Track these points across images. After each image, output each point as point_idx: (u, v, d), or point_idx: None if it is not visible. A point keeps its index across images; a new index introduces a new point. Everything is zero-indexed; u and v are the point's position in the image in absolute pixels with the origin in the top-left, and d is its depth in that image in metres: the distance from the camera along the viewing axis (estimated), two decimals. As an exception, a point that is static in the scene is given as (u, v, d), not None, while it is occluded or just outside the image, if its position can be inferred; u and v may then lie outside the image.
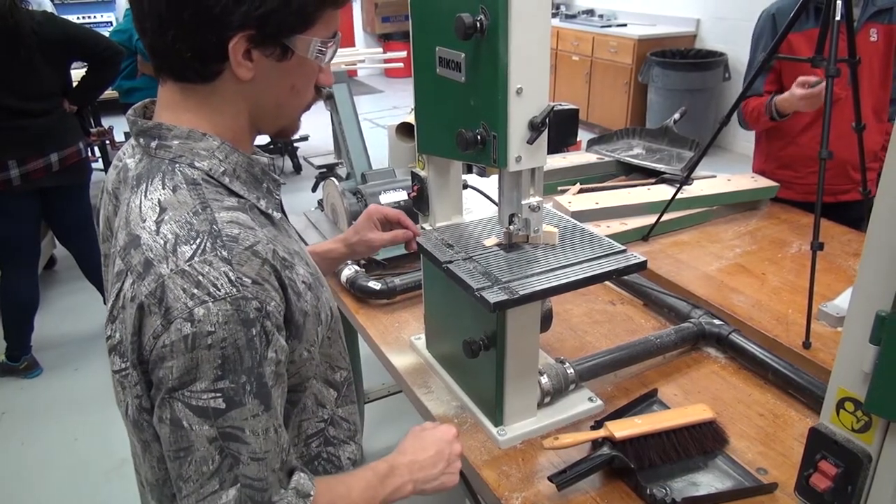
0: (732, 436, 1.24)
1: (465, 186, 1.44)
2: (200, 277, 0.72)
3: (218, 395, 0.73)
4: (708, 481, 1.14)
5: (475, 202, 1.53)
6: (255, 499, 0.77)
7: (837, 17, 1.58)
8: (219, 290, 0.72)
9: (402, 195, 1.95)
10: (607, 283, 1.78)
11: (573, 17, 7.11)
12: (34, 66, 2.78)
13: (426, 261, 1.36)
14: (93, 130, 4.09)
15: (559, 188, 2.26)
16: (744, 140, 5.57)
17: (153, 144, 0.83)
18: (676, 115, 2.55)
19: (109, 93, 3.72)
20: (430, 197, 1.37)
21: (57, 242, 3.69)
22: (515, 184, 1.16)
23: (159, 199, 0.78)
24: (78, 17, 7.15)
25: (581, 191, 2.22)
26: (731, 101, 2.11)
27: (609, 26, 6.53)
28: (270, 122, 0.89)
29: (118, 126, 4.62)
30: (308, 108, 0.91)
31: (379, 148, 3.43)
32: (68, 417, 2.91)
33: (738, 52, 5.69)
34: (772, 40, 1.81)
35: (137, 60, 3.78)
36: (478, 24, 1.01)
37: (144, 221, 0.77)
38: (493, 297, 1.08)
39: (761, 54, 1.80)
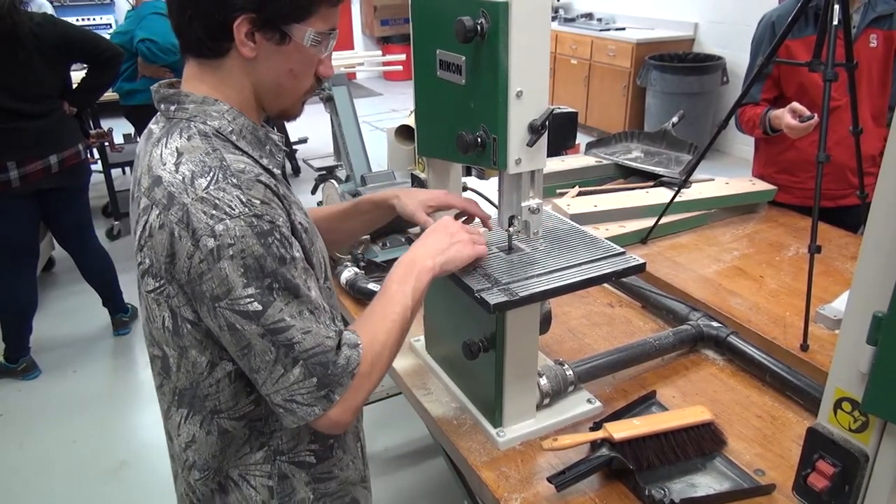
0: (730, 437, 1.25)
1: (465, 189, 1.44)
2: (217, 201, 0.86)
3: (251, 299, 0.86)
4: (706, 482, 1.14)
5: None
6: (321, 362, 0.91)
7: (835, 22, 1.59)
8: (233, 210, 0.85)
9: (401, 197, 1.95)
10: (606, 285, 1.79)
11: (572, 20, 7.13)
12: (33, 68, 2.79)
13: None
14: (92, 132, 4.09)
15: (558, 191, 2.27)
16: (742, 143, 5.59)
17: (172, 108, 0.97)
18: (675, 119, 2.56)
19: (109, 95, 3.73)
20: (430, 199, 1.37)
21: (56, 244, 3.69)
22: (515, 186, 1.17)
23: (176, 147, 0.91)
24: (77, 20, 7.14)
25: (580, 193, 2.23)
26: (729, 104, 2.13)
27: (607, 30, 6.55)
28: (271, 101, 1.00)
29: (118, 128, 4.63)
30: (308, 94, 1.03)
31: (378, 150, 3.44)
32: (67, 419, 2.91)
33: (736, 56, 5.70)
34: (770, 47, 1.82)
35: (138, 62, 3.79)
36: (478, 28, 1.01)
37: (164, 164, 0.90)
38: (493, 298, 1.09)
39: (760, 60, 1.81)
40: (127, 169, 5.31)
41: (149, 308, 0.95)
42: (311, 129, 5.38)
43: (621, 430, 1.16)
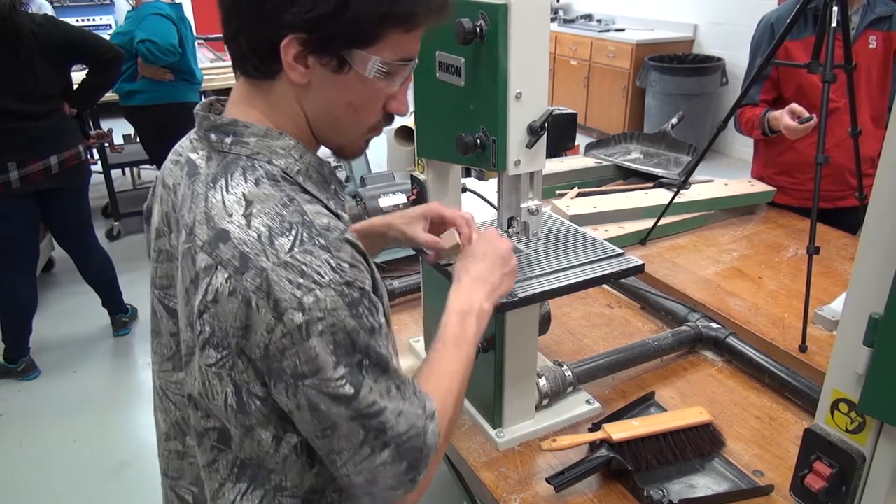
0: (729, 438, 1.25)
1: (464, 190, 1.45)
2: (304, 267, 0.73)
3: (343, 381, 0.75)
4: (705, 483, 1.15)
5: (474, 206, 1.54)
6: (415, 446, 0.81)
7: (834, 24, 1.60)
8: (323, 278, 0.73)
9: (401, 198, 1.96)
10: (605, 286, 1.79)
11: (571, 21, 7.13)
12: (34, 69, 2.79)
13: (425, 263, 1.37)
14: (92, 133, 4.09)
15: (557, 192, 2.27)
16: (741, 145, 5.59)
17: (228, 140, 0.83)
18: (674, 120, 2.56)
19: (109, 95, 3.73)
20: (430, 200, 1.38)
21: (55, 245, 3.69)
22: (514, 187, 1.17)
23: (244, 193, 0.78)
24: (77, 20, 7.14)
25: (579, 195, 2.23)
26: (728, 105, 2.13)
27: (607, 31, 6.55)
28: (327, 135, 0.87)
29: (118, 129, 4.63)
30: (373, 131, 0.89)
31: (378, 151, 3.44)
32: (67, 419, 2.91)
33: (736, 57, 5.71)
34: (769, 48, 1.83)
35: (138, 63, 3.79)
36: (477, 30, 1.02)
37: (231, 216, 0.77)
38: (492, 299, 1.09)
39: (759, 61, 1.81)
40: (127, 170, 5.34)
41: (208, 382, 0.81)
42: (310, 129, 5.40)
43: (620, 430, 1.16)
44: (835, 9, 1.59)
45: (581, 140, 2.81)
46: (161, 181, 0.93)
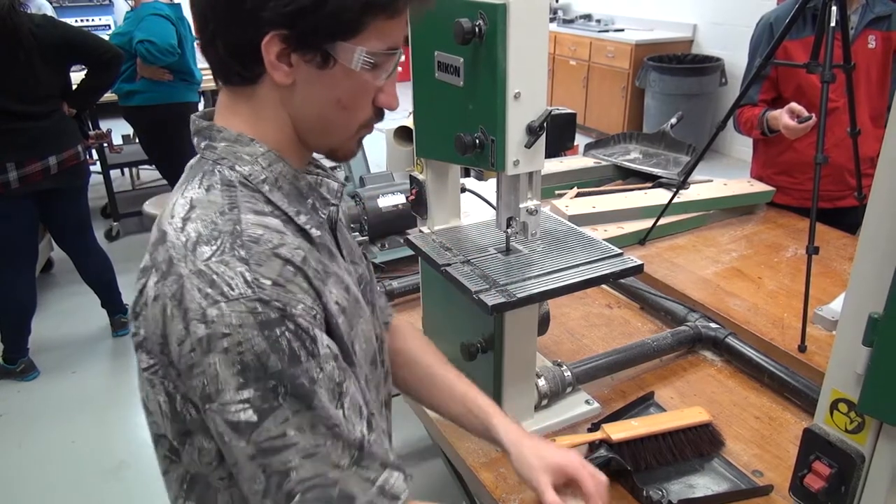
0: (728, 438, 1.25)
1: (463, 190, 1.44)
2: (215, 277, 0.69)
3: (246, 405, 0.68)
4: (704, 483, 1.15)
5: (473, 206, 1.54)
6: (324, 498, 0.71)
7: (833, 23, 1.60)
8: (232, 291, 0.68)
9: (400, 199, 1.96)
10: (604, 286, 1.79)
11: (571, 22, 7.13)
12: (33, 69, 2.79)
13: (424, 264, 1.37)
14: (91, 133, 4.09)
15: (557, 192, 2.27)
16: (740, 145, 5.59)
17: (202, 145, 0.81)
18: (673, 120, 2.56)
19: (108, 96, 3.73)
20: (429, 200, 1.38)
21: (55, 245, 3.69)
22: (513, 187, 1.17)
23: (191, 197, 0.76)
24: (76, 21, 7.14)
25: (578, 195, 2.23)
26: (727, 105, 2.13)
27: (606, 31, 6.55)
28: (316, 137, 0.83)
29: (117, 129, 4.62)
30: (364, 129, 0.84)
31: (377, 151, 3.44)
32: (66, 420, 2.91)
33: (735, 57, 5.71)
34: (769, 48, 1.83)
35: (137, 64, 3.79)
36: (476, 29, 1.02)
37: (173, 218, 0.75)
38: (491, 299, 1.09)
39: (758, 61, 1.81)
40: (126, 170, 5.33)
41: (146, 388, 0.78)
42: (310, 130, 5.39)
43: (619, 430, 1.16)
44: (834, 8, 1.59)
45: (580, 140, 2.81)
46: None
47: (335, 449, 0.72)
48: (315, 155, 0.88)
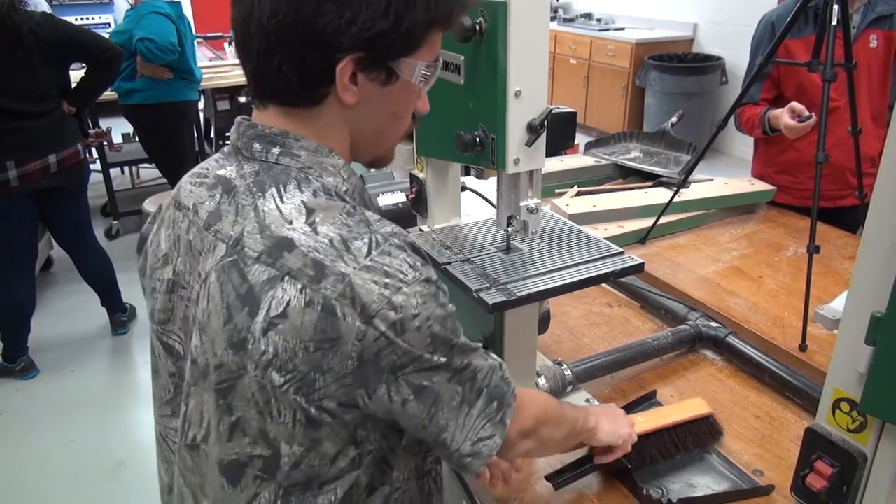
0: (729, 437, 1.25)
1: (464, 188, 1.44)
2: (386, 268, 0.72)
3: (437, 357, 0.75)
4: (705, 483, 1.14)
5: (473, 204, 1.54)
6: (497, 383, 0.83)
7: (834, 22, 1.59)
8: (406, 276, 0.72)
9: (400, 197, 1.96)
10: (605, 285, 1.79)
11: (571, 20, 7.13)
12: (33, 68, 2.78)
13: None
14: (91, 132, 4.09)
15: (557, 191, 2.27)
16: (741, 144, 5.59)
17: (275, 150, 0.80)
18: (674, 119, 2.56)
19: (108, 94, 3.73)
20: (429, 199, 1.38)
21: (54, 244, 3.69)
22: (514, 186, 1.17)
23: (303, 201, 0.76)
24: (76, 19, 7.14)
25: (579, 193, 2.22)
26: (728, 104, 2.13)
27: (607, 30, 6.55)
28: (369, 150, 0.87)
29: (117, 127, 4.62)
30: (405, 136, 0.89)
31: (377, 150, 3.44)
32: (65, 419, 2.91)
33: (736, 56, 5.71)
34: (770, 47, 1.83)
35: (137, 62, 3.79)
36: (477, 27, 1.01)
37: (292, 223, 0.74)
38: (492, 298, 1.09)
39: (759, 60, 1.81)
40: (126, 168, 5.33)
41: (267, 404, 0.75)
42: (310, 128, 5.38)
43: None
44: (835, 7, 1.59)
45: (581, 139, 2.81)
46: (172, 205, 0.88)
47: (489, 361, 0.83)
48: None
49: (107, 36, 3.33)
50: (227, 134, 0.92)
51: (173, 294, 0.85)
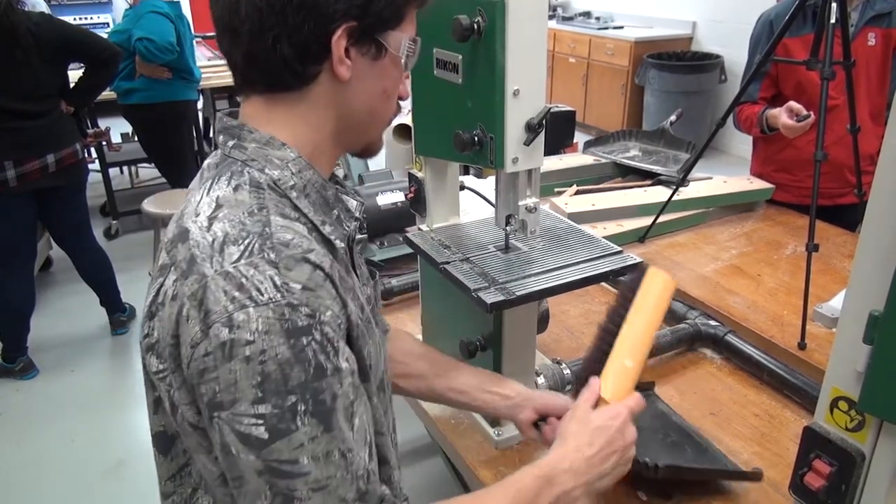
0: (728, 436, 1.25)
1: (462, 188, 1.44)
2: (244, 280, 0.67)
3: (259, 421, 0.65)
4: (693, 460, 1.14)
5: (472, 203, 1.54)
6: None
7: (832, 20, 1.59)
8: (262, 295, 0.66)
9: (399, 196, 1.95)
10: (604, 284, 1.79)
11: (570, 19, 7.12)
12: (31, 68, 2.78)
13: (423, 262, 1.36)
14: (90, 131, 4.09)
15: (556, 189, 2.27)
16: (740, 142, 5.58)
17: (230, 143, 0.79)
18: (673, 118, 2.56)
19: (107, 94, 3.73)
20: (427, 198, 1.37)
21: (53, 244, 3.69)
22: (512, 185, 1.16)
23: (218, 196, 0.74)
24: (75, 19, 7.14)
25: (578, 192, 2.22)
26: (727, 103, 2.13)
27: (606, 28, 6.54)
28: (359, 134, 0.84)
29: (115, 127, 4.62)
30: (390, 122, 0.86)
31: (376, 149, 3.43)
32: (65, 419, 2.91)
33: (734, 54, 5.70)
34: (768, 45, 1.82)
35: (136, 61, 3.79)
36: (475, 26, 1.01)
37: (198, 216, 0.73)
38: (490, 297, 1.09)
39: (758, 58, 1.81)
40: (125, 168, 5.33)
41: (155, 388, 0.76)
42: (309, 128, 5.38)
43: (613, 387, 0.95)
44: (833, 5, 1.58)
45: (580, 137, 2.80)
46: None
47: (344, 483, 0.69)
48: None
49: (105, 36, 3.33)
50: None
51: None
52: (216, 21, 0.76)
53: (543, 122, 1.06)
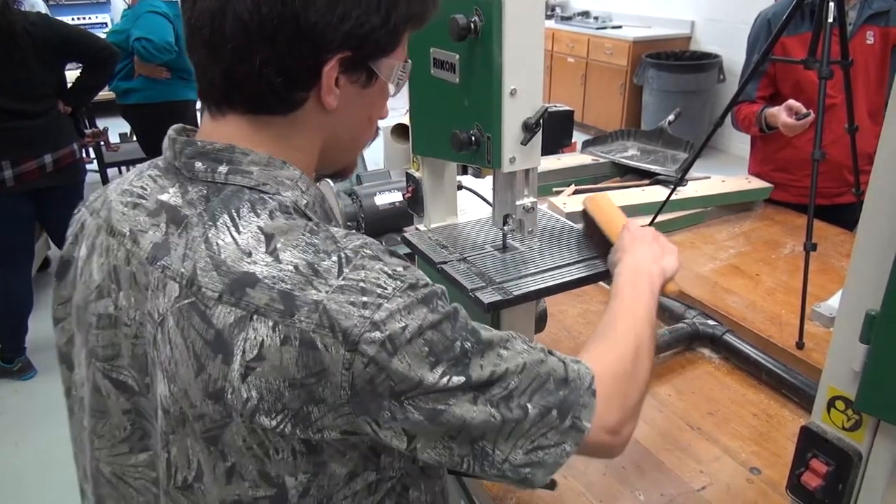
0: (726, 435, 1.25)
1: (460, 187, 1.44)
2: (362, 284, 0.65)
3: (447, 376, 0.66)
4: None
5: (470, 203, 1.54)
6: (551, 389, 0.73)
7: (830, 19, 1.59)
8: (386, 288, 0.65)
9: (396, 196, 1.95)
10: (602, 283, 1.78)
11: (569, 18, 7.12)
12: (28, 67, 2.78)
13: (421, 261, 1.36)
14: (87, 131, 4.08)
15: (554, 189, 2.27)
16: (738, 142, 5.59)
17: (221, 169, 0.72)
18: (671, 117, 2.55)
19: (106, 94, 3.72)
20: (425, 198, 1.37)
21: (52, 244, 3.68)
22: (509, 185, 1.16)
23: (259, 227, 0.68)
24: (73, 19, 7.13)
25: (576, 192, 2.22)
26: (725, 102, 2.13)
27: (604, 28, 6.55)
28: (340, 158, 0.82)
29: (114, 127, 4.62)
30: (368, 146, 0.86)
31: (374, 149, 3.43)
32: (63, 419, 2.88)
33: (733, 54, 5.70)
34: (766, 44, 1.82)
35: (134, 61, 3.78)
36: (472, 26, 1.01)
37: (251, 255, 0.66)
38: (488, 297, 1.09)
39: (756, 57, 1.81)
40: (123, 168, 5.31)
41: (262, 445, 0.68)
42: (307, 127, 5.37)
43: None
44: (831, 4, 1.58)
45: (578, 137, 2.80)
46: (104, 230, 0.78)
47: (531, 353, 0.74)
48: None
49: (104, 36, 3.33)
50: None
51: (117, 329, 0.76)
52: (191, 28, 0.70)
53: (540, 121, 1.06)
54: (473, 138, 1.09)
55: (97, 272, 0.77)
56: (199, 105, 4.69)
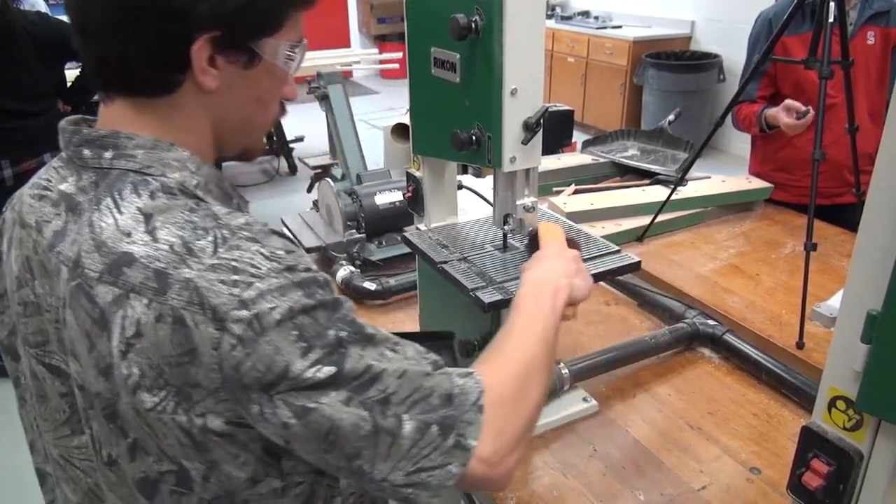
0: (726, 435, 1.25)
1: (460, 187, 1.44)
2: (234, 263, 0.65)
3: (319, 365, 0.64)
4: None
5: (470, 203, 1.54)
6: (433, 404, 0.69)
7: (831, 19, 1.59)
8: (259, 269, 0.65)
9: (397, 196, 1.95)
10: (602, 283, 1.78)
11: (569, 18, 7.12)
12: (27, 67, 2.78)
13: (421, 261, 1.36)
14: (88, 131, 4.08)
15: (554, 189, 2.27)
16: (738, 142, 5.59)
17: (107, 155, 0.72)
18: (671, 117, 2.55)
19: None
20: (425, 198, 1.37)
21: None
22: (510, 184, 1.16)
23: (139, 208, 0.69)
24: (73, 18, 7.10)
25: (576, 192, 2.22)
26: (725, 102, 2.13)
27: (604, 28, 6.54)
28: (235, 140, 0.81)
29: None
30: (272, 125, 0.84)
31: (374, 149, 3.44)
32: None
33: (733, 54, 5.70)
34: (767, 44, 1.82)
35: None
36: (472, 25, 1.01)
37: (130, 235, 0.67)
38: (488, 297, 1.09)
39: (756, 57, 1.81)
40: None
41: (149, 426, 0.69)
42: (306, 127, 5.37)
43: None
44: (832, 4, 1.58)
45: (578, 137, 2.80)
46: (17, 223, 0.80)
47: (417, 361, 0.71)
48: None
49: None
50: None
51: (41, 316, 0.78)
52: (69, 15, 0.71)
53: (541, 121, 1.06)
54: (474, 138, 1.09)
55: (15, 263, 0.80)
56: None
